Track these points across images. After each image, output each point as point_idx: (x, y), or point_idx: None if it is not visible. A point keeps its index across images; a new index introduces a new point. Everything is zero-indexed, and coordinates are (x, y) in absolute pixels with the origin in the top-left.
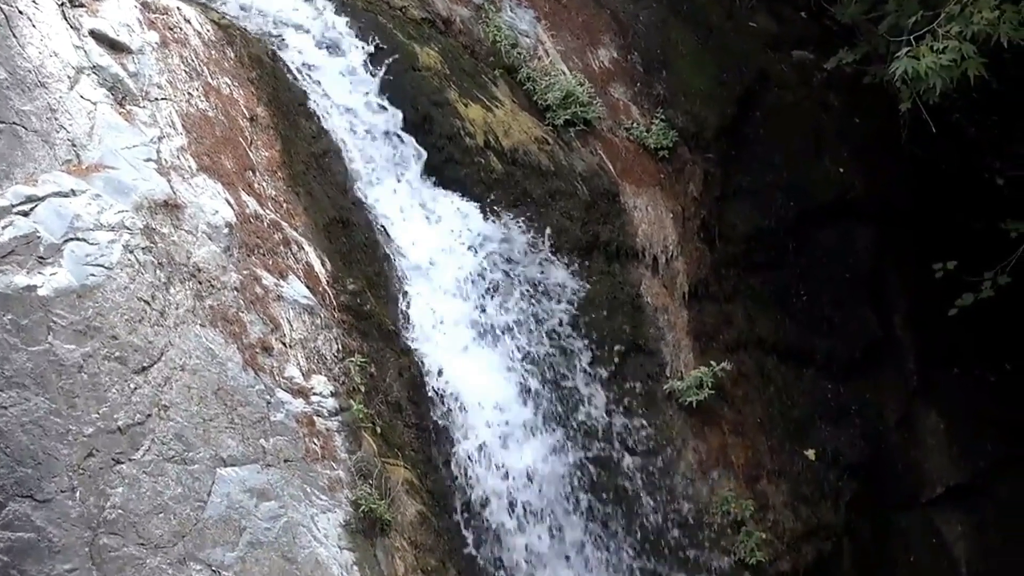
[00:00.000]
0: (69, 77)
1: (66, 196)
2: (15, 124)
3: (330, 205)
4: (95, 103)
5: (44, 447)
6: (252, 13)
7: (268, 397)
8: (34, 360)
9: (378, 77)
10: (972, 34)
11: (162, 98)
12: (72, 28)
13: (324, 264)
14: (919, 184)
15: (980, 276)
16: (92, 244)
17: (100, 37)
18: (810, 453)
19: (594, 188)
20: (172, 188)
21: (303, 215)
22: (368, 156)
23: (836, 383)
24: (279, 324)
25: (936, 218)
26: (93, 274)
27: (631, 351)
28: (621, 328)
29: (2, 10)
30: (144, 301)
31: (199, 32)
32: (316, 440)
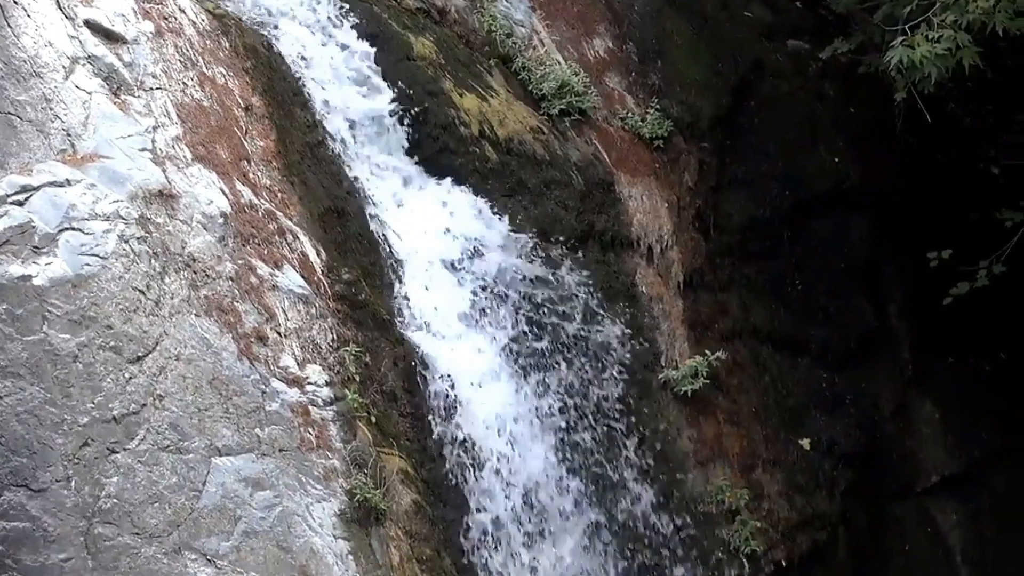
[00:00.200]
0: (64, 67)
1: (61, 186)
2: (10, 114)
3: (325, 195)
4: (90, 93)
5: (39, 437)
6: (247, 2)
7: (263, 387)
8: (29, 350)
9: (373, 66)
10: (967, 23)
11: (157, 88)
12: (67, 18)
13: (319, 253)
14: (914, 174)
15: (975, 265)
16: (87, 234)
17: (95, 27)
18: (805, 442)
19: (589, 178)
20: (167, 178)
21: (298, 205)
22: (363, 145)
23: (831, 372)
24: (274, 314)
25: (931, 207)
26: (88, 264)
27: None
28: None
29: None
30: (139, 291)
31: (194, 22)
32: (311, 430)
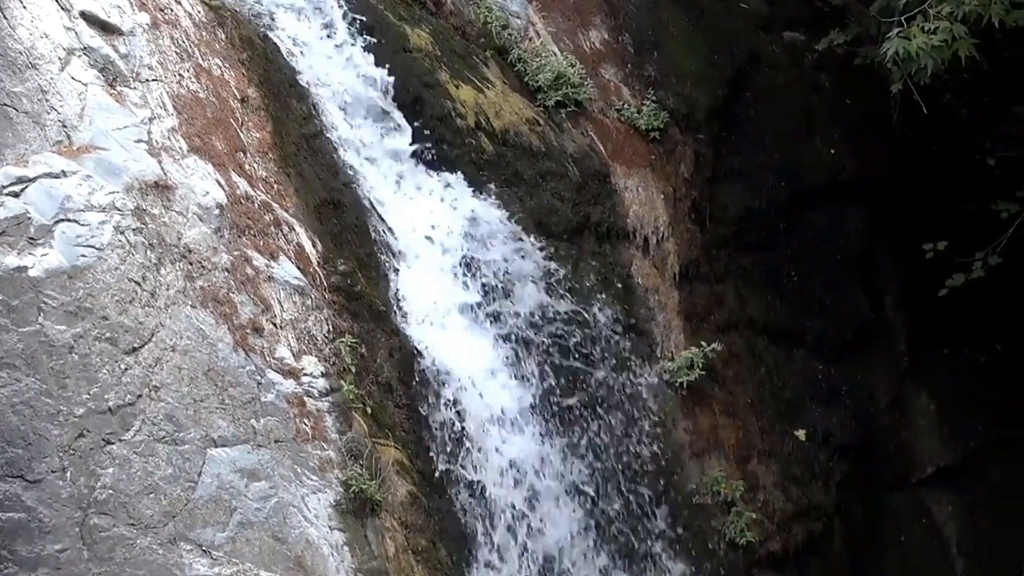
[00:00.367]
0: (60, 58)
1: (57, 177)
2: (6, 105)
3: (321, 186)
4: (86, 84)
5: (35, 428)
6: None
7: (259, 378)
8: (25, 341)
9: (369, 58)
10: (963, 15)
11: (153, 79)
12: (63, 9)
13: (315, 245)
14: (910, 165)
15: (971, 257)
16: (83, 225)
17: (91, 18)
18: (801, 434)
19: (585, 169)
20: (163, 169)
21: (294, 196)
22: (358, 137)
23: (827, 364)
24: (270, 305)
25: (927, 199)
26: (84, 255)
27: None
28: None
29: None
30: (135, 282)
31: (190, 13)
32: (307, 421)
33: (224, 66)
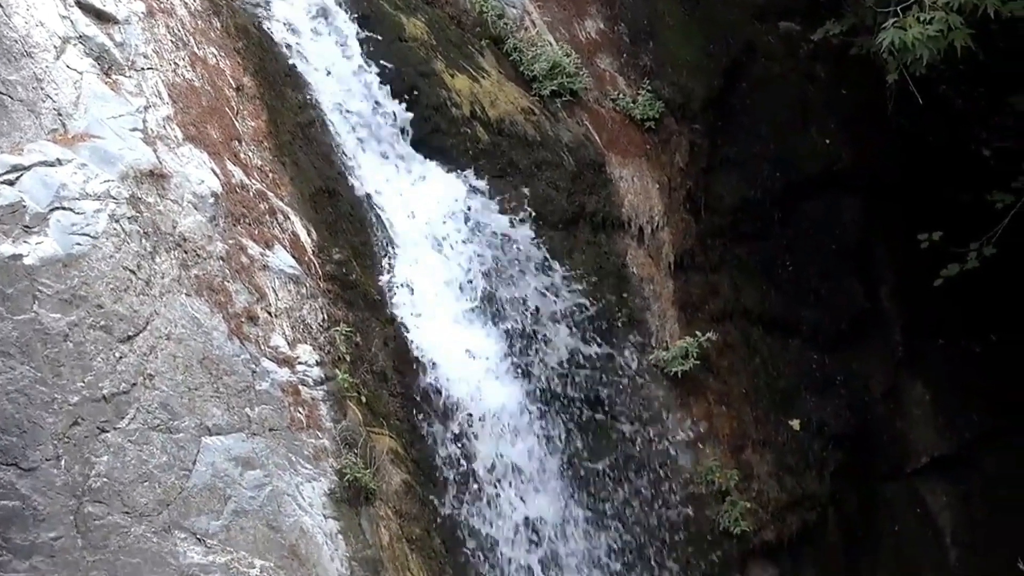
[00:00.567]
0: (55, 47)
1: (52, 165)
2: (1, 94)
3: (316, 175)
4: (81, 73)
5: (29, 415)
6: None
7: (253, 366)
8: (19, 329)
9: (365, 47)
10: (959, 5)
11: (148, 68)
12: None
13: (310, 234)
14: (906, 155)
15: (966, 247)
16: (78, 213)
17: (86, 7)
18: (795, 423)
19: (580, 159)
20: (158, 158)
21: (289, 185)
22: (354, 126)
23: (822, 354)
24: (264, 293)
25: (923, 189)
26: (79, 243)
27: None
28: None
29: None
30: (130, 270)
31: (185, 2)
32: (301, 409)
33: (219, 55)
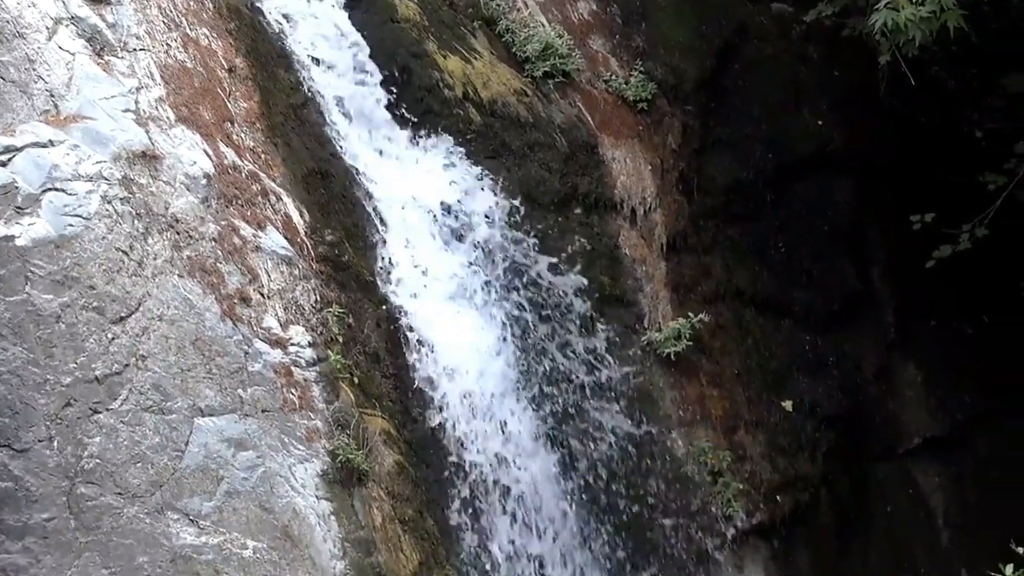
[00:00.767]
0: (47, 28)
1: (44, 146)
2: None
3: (308, 156)
4: (73, 54)
5: (22, 397)
6: None
7: (246, 347)
8: (11, 310)
9: (356, 27)
10: None
11: (140, 49)
12: None
13: (302, 215)
14: (898, 137)
15: (958, 229)
16: (70, 194)
17: None
18: (788, 404)
19: (573, 140)
20: (150, 139)
21: (281, 166)
22: (346, 107)
23: (814, 335)
24: (257, 275)
25: (915, 171)
26: (71, 224)
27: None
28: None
29: None
30: (122, 251)
31: None
32: (294, 390)
33: (212, 36)
